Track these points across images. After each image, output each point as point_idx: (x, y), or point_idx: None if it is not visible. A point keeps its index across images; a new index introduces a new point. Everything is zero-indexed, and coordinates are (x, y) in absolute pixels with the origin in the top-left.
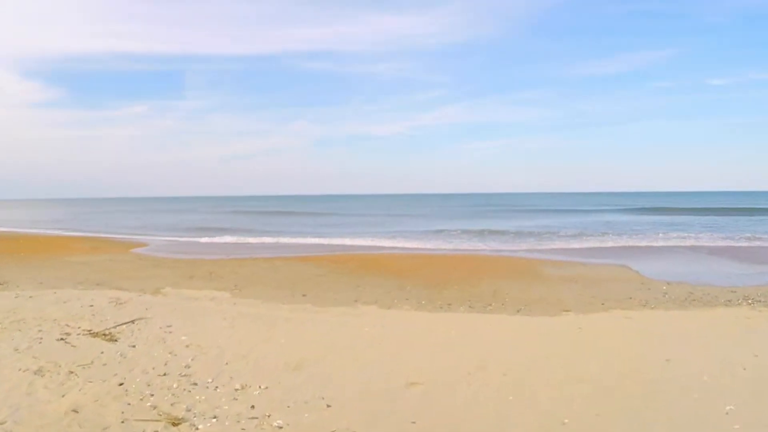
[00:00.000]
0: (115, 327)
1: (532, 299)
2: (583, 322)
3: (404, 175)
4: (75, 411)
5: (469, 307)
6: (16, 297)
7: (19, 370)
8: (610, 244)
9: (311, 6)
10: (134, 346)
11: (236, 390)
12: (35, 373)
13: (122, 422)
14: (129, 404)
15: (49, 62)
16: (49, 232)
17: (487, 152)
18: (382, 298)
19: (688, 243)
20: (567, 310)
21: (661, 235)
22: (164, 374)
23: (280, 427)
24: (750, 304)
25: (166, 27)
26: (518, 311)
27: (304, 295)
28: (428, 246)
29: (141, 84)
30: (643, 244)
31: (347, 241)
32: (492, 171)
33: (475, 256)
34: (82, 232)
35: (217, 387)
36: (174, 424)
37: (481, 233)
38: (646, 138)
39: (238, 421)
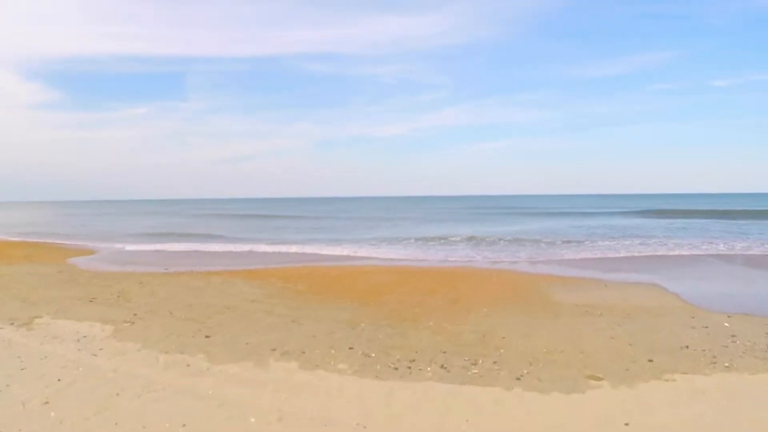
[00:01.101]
0: None
1: (539, 352)
2: (629, 408)
3: (406, 176)
4: None
5: (442, 367)
6: None
7: None
8: (626, 252)
9: (313, 8)
10: None
11: None
12: None
13: None
14: None
15: (50, 64)
16: None
17: (488, 154)
18: (316, 344)
19: (720, 251)
20: (597, 378)
21: (681, 241)
22: None
23: None
24: None
25: (167, 29)
26: (519, 378)
27: (207, 337)
28: (411, 256)
29: (142, 86)
30: (668, 253)
31: (323, 250)
32: (493, 172)
33: (464, 270)
34: (34, 237)
35: None
36: None
37: (475, 240)
38: (648, 139)
39: None
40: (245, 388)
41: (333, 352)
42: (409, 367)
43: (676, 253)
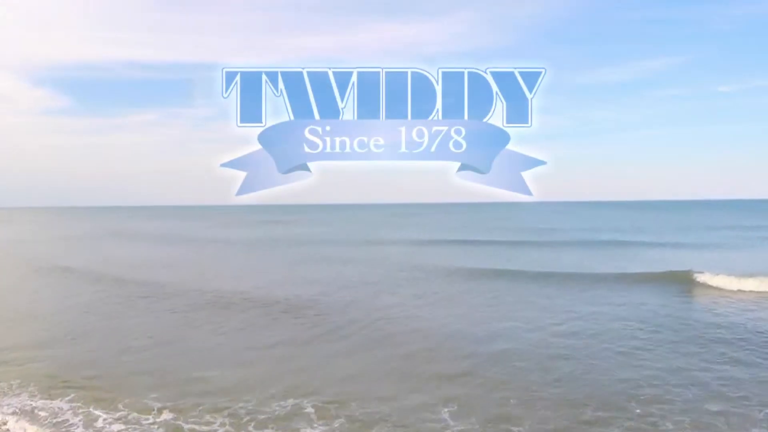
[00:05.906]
0: None
1: None
2: None
3: (410, 183)
4: None
5: None
6: None
7: None
8: None
9: (320, 14)
10: None
11: None
12: None
13: None
14: None
15: (59, 70)
16: None
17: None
18: None
19: None
20: None
21: None
22: None
23: None
24: None
25: (176, 35)
26: None
27: None
28: None
29: (150, 92)
30: None
31: None
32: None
33: None
34: None
35: None
36: None
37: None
38: (655, 145)
39: None
40: None
41: None
42: None
43: None
